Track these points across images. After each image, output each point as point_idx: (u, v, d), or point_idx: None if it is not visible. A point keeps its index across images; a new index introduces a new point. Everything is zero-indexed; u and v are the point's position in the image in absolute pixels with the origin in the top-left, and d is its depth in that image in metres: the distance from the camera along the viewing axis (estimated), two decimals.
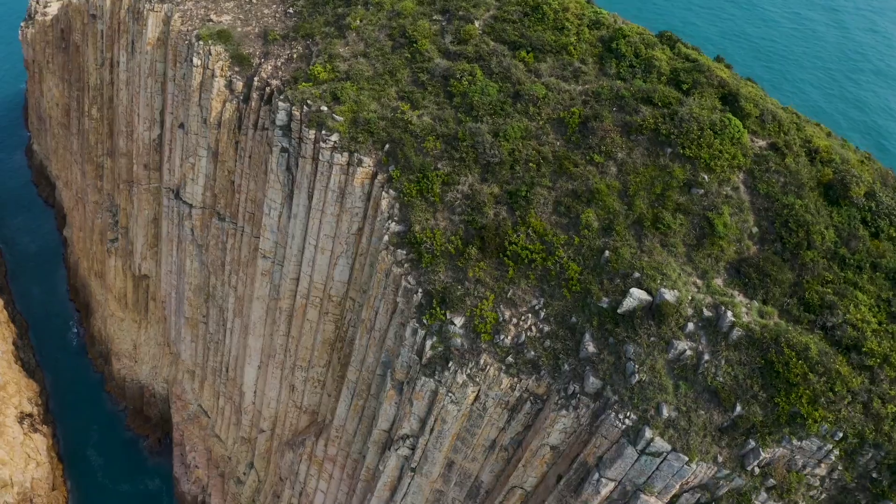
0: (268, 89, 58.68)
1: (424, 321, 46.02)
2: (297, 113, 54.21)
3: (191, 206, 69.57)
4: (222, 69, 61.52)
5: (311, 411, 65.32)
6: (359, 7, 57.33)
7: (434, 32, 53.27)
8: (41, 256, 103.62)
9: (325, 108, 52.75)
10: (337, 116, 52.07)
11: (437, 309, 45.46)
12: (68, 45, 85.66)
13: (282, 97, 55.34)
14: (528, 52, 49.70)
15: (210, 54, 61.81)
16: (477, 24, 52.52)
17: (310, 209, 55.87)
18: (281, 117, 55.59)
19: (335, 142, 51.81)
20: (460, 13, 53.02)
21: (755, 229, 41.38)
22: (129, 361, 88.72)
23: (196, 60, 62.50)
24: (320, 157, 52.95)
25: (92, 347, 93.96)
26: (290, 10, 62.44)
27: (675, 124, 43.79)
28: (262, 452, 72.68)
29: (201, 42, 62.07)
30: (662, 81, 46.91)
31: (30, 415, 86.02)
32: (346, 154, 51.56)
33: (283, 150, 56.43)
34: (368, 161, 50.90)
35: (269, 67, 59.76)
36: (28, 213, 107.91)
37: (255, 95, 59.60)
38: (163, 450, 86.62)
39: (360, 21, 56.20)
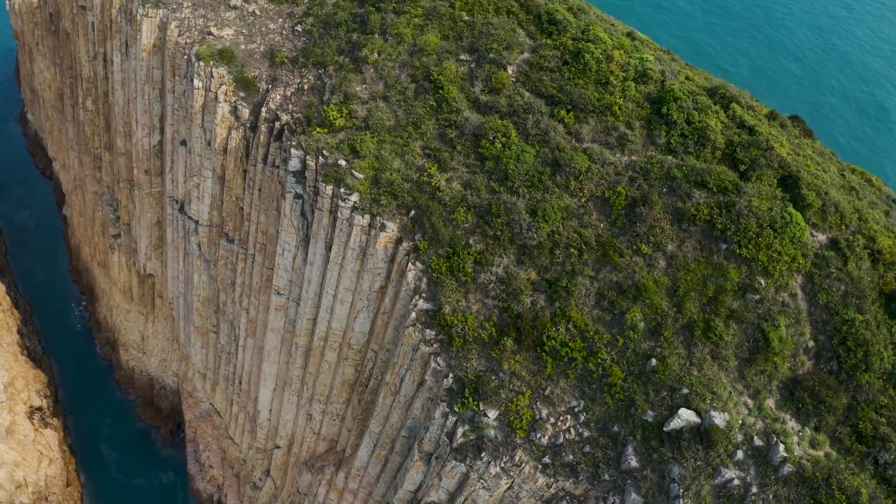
0: (277, 124, 54.77)
1: (456, 409, 44.26)
2: (311, 163, 50.70)
3: (197, 222, 66.44)
4: (226, 94, 57.31)
5: (329, 439, 64.35)
6: (376, 37, 52.63)
7: (462, 76, 48.98)
8: (41, 233, 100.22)
9: (342, 163, 49.22)
10: (357, 174, 48.63)
11: (470, 399, 43.61)
12: (58, 29, 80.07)
13: (294, 143, 51.58)
14: (567, 111, 45.72)
15: (212, 77, 57.46)
16: (510, 70, 48.19)
17: (328, 259, 53.11)
18: (294, 164, 52.07)
19: (355, 202, 48.59)
20: (491, 55, 48.55)
21: (811, 343, 39.09)
22: (137, 353, 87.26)
23: (197, 82, 58.17)
24: (339, 214, 49.85)
25: (98, 333, 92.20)
26: (299, 28, 57.57)
27: (732, 218, 40.73)
28: (279, 464, 72.19)
29: (202, 63, 57.55)
30: (717, 156, 43.42)
31: (39, 408, 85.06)
32: (367, 216, 48.45)
33: (297, 196, 53.13)
34: (392, 226, 47.84)
35: (278, 97, 55.58)
36: (25, 185, 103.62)
37: (263, 128, 55.70)
38: (176, 441, 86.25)
39: (378, 54, 51.71)
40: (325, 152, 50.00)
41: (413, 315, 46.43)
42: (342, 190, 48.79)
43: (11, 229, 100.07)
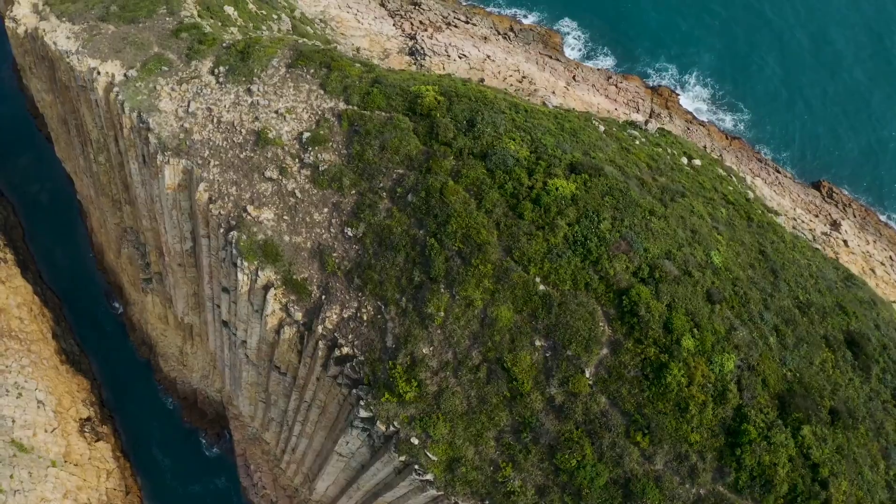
0: (337, 350, 52.80)
1: None
2: (381, 427, 50.17)
3: (244, 342, 65.49)
4: (276, 297, 54.48)
5: None
6: (441, 289, 49.18)
7: (537, 367, 47.13)
8: (55, 208, 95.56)
9: (415, 441, 49.00)
10: (431, 456, 48.74)
11: None
12: (52, 66, 70.47)
13: (363, 403, 50.52)
14: (643, 435, 45.51)
15: (258, 275, 54.19)
16: (587, 372, 46.38)
17: (396, 476, 54.31)
18: (363, 413, 51.33)
19: (430, 480, 49.20)
20: (568, 352, 46.41)
21: None
22: (177, 364, 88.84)
23: (241, 276, 55.25)
24: (412, 475, 50.45)
25: (132, 332, 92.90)
26: (349, 232, 53.09)
27: None
28: None
29: (246, 262, 53.99)
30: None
31: (88, 418, 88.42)
32: (440, 492, 49.34)
33: (366, 429, 53.03)
34: None
35: (335, 316, 53.05)
36: (31, 151, 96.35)
37: (321, 345, 53.95)
38: (224, 444, 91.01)
39: (444, 313, 48.90)
40: (395, 423, 49.46)
41: None
42: (417, 468, 49.19)
43: (25, 208, 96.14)
